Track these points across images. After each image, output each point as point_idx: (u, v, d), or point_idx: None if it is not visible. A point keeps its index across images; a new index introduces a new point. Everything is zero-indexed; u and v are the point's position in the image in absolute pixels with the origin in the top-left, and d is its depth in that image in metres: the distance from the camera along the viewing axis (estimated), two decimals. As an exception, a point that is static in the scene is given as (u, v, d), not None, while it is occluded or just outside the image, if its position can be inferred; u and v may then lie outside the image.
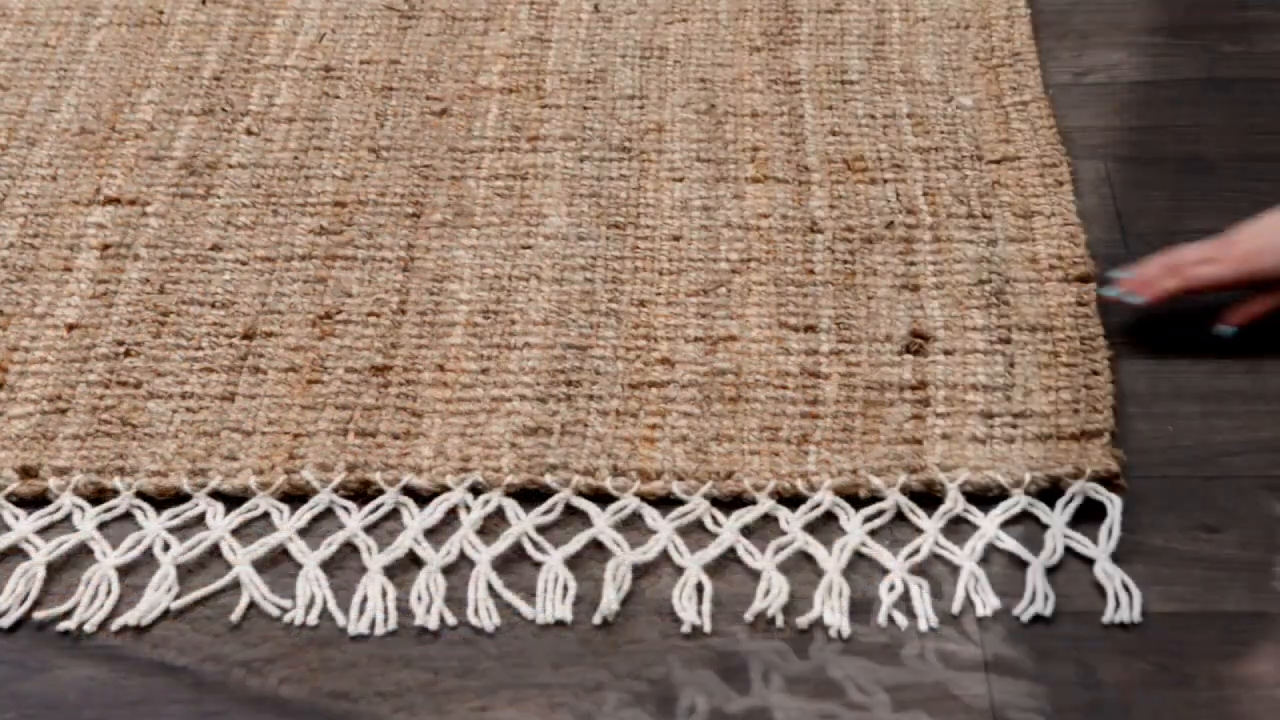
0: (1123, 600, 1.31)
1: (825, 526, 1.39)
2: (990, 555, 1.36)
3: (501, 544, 1.38)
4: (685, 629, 1.31)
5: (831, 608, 1.32)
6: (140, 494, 1.44)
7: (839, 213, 1.71)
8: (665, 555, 1.37)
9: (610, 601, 1.33)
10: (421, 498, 1.43)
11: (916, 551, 1.36)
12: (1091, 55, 1.95)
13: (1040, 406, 1.48)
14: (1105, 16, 2.03)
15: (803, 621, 1.31)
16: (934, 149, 1.80)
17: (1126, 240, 1.68)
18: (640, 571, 1.36)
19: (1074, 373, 1.51)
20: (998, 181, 1.75)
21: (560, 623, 1.32)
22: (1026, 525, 1.38)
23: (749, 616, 1.32)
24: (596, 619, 1.32)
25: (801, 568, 1.36)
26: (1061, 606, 1.32)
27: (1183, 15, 2.00)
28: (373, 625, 1.33)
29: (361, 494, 1.44)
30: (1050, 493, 1.40)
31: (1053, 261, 1.64)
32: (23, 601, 1.35)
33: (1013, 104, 1.86)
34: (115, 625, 1.33)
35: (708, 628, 1.31)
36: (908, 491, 1.41)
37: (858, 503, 1.41)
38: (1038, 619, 1.31)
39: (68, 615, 1.34)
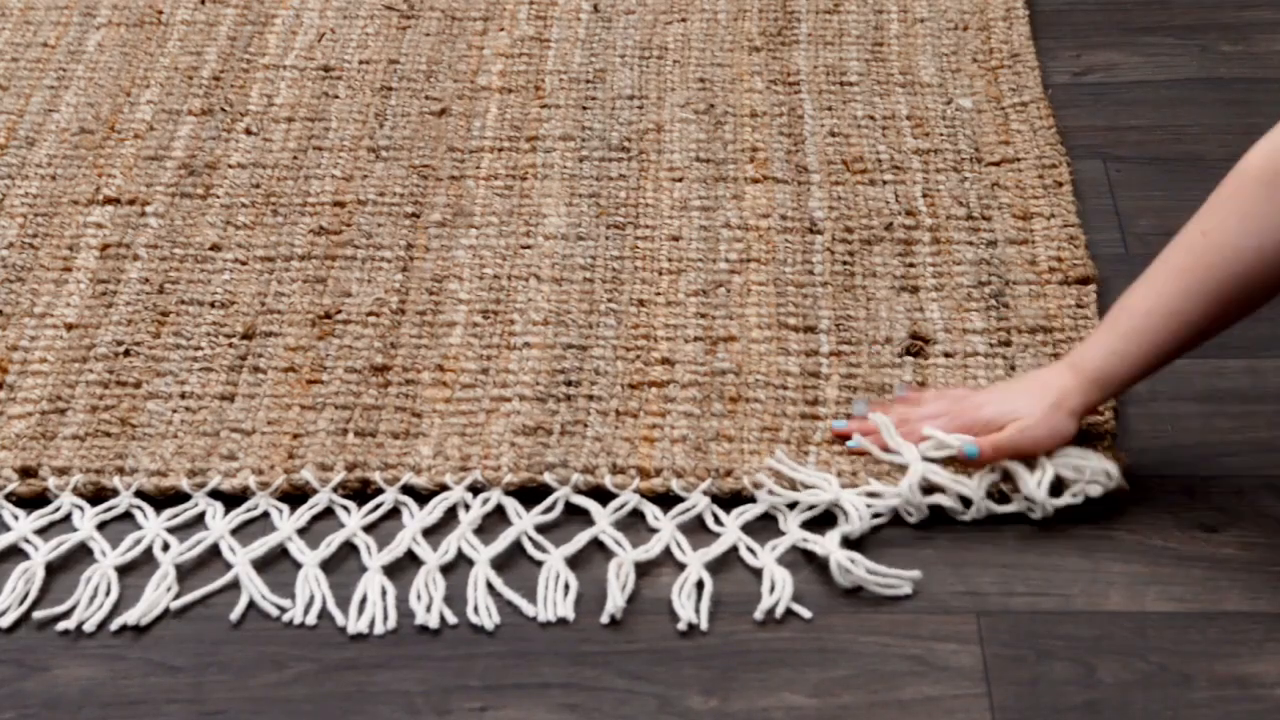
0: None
1: (823, 526, 1.39)
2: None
3: (501, 543, 1.38)
4: (682, 626, 1.31)
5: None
6: (140, 494, 1.44)
7: (838, 214, 1.71)
8: (667, 553, 1.37)
9: (616, 600, 1.33)
10: (421, 497, 1.43)
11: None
12: (1091, 55, 1.95)
13: None
14: (1105, 16, 2.03)
15: (806, 617, 1.32)
16: (933, 150, 1.80)
17: (1126, 240, 1.68)
18: (641, 570, 1.36)
19: None
20: (997, 183, 1.75)
21: (560, 621, 1.32)
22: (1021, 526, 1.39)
23: (758, 615, 1.32)
24: (604, 618, 1.32)
25: (800, 565, 1.36)
26: (1062, 606, 1.32)
27: (1183, 15, 2.01)
28: (372, 624, 1.33)
29: (361, 493, 1.44)
30: (1054, 492, 1.40)
31: (1052, 263, 1.64)
32: (22, 601, 1.35)
33: (1012, 105, 1.86)
34: (115, 625, 1.33)
35: (704, 626, 1.31)
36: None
37: None
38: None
39: (67, 615, 1.34)
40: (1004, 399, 1.40)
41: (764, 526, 1.40)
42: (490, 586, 1.35)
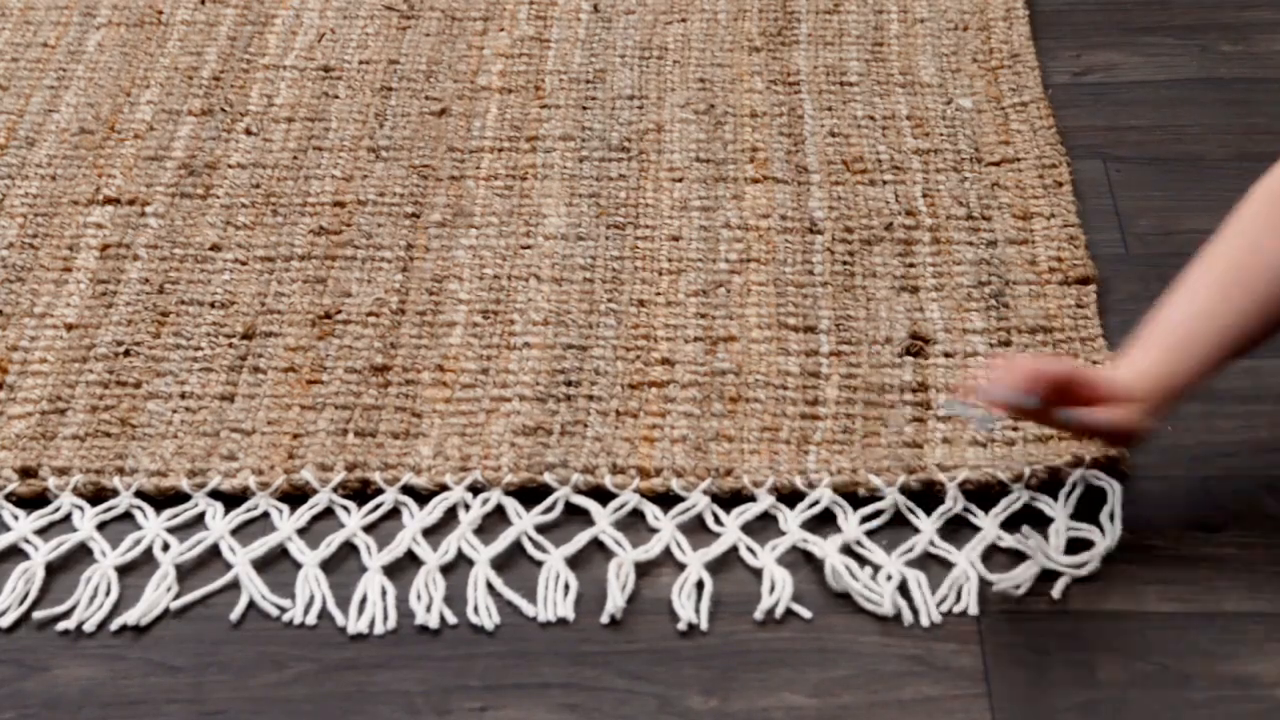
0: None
1: (823, 525, 1.39)
2: (991, 554, 1.36)
3: (501, 543, 1.38)
4: (682, 626, 1.31)
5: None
6: (140, 494, 1.44)
7: (838, 214, 1.71)
8: (667, 553, 1.37)
9: (616, 600, 1.33)
10: (421, 497, 1.43)
11: (911, 549, 1.36)
12: (1091, 55, 1.95)
13: None
14: (1105, 16, 2.03)
15: (806, 617, 1.32)
16: (933, 151, 1.80)
17: (1126, 240, 1.68)
18: (641, 570, 1.36)
19: None
20: (997, 183, 1.75)
21: (560, 621, 1.32)
22: (1028, 524, 1.38)
23: (758, 615, 1.32)
24: (604, 618, 1.32)
25: (800, 565, 1.36)
26: (1061, 606, 1.32)
27: (1183, 15, 2.01)
28: (372, 624, 1.33)
29: (361, 493, 1.44)
30: (1052, 488, 1.40)
31: (1052, 263, 1.64)
32: (22, 601, 1.35)
33: (1012, 105, 1.86)
34: (115, 625, 1.33)
35: (704, 626, 1.31)
36: (907, 491, 1.41)
37: (856, 502, 1.41)
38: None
39: (67, 615, 1.34)
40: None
41: (764, 526, 1.40)
42: (490, 586, 1.35)
